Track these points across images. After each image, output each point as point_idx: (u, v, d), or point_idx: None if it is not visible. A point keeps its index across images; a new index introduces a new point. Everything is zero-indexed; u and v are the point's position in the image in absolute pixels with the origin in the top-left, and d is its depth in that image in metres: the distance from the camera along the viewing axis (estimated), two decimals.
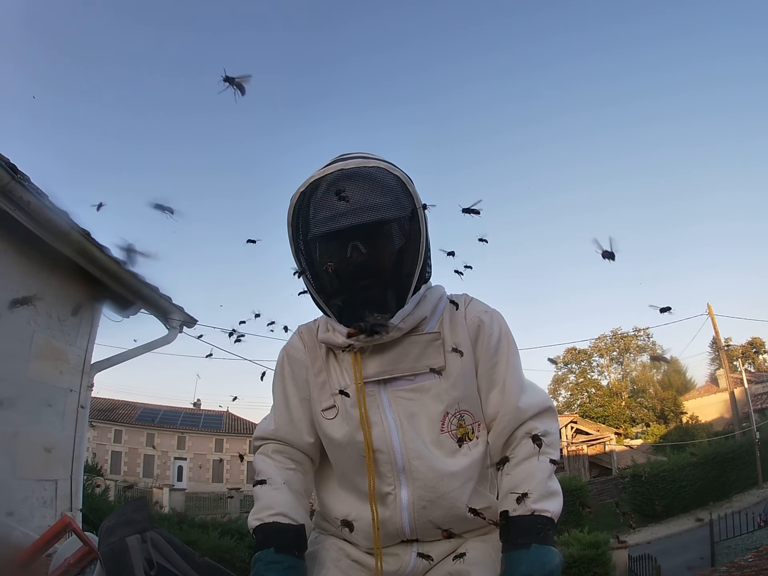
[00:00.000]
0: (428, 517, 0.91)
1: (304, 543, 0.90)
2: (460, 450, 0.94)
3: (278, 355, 1.09)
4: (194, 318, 4.18)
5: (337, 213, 0.90)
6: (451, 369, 0.95)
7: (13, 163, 2.63)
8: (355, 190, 0.90)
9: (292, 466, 0.98)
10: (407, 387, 0.95)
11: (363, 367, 0.95)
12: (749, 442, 14.93)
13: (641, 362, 30.62)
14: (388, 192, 0.91)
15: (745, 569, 4.07)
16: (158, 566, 1.22)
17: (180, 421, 25.55)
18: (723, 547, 8.23)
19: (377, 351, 0.94)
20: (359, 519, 0.94)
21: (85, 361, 3.51)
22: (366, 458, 0.92)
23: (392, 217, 0.92)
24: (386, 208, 0.91)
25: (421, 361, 0.94)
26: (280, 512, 0.88)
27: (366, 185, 0.91)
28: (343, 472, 0.99)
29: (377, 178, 0.91)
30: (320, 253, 0.96)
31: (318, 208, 0.92)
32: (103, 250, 3.21)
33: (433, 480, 0.91)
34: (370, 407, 0.94)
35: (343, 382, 0.97)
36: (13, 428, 2.77)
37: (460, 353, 0.95)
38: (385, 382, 0.95)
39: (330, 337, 0.98)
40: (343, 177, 0.91)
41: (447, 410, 0.94)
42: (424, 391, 0.94)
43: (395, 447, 0.92)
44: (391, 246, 0.94)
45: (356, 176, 0.91)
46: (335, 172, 0.91)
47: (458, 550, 0.92)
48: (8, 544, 1.94)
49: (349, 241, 0.91)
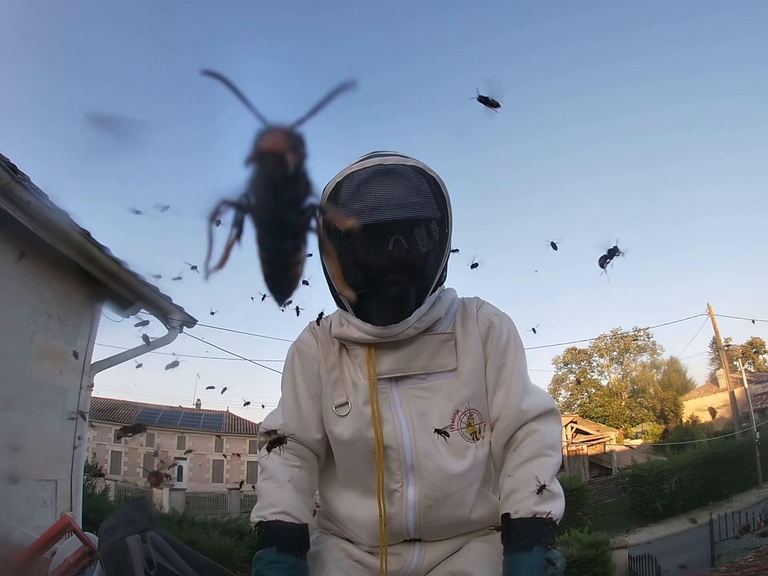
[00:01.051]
0: (433, 516, 0.92)
1: (306, 543, 0.89)
2: (467, 450, 0.94)
3: (288, 351, 1.09)
4: (194, 318, 4.18)
5: (381, 205, 0.88)
6: (463, 369, 0.96)
7: (13, 163, 2.63)
8: (397, 186, 0.89)
9: (297, 464, 0.98)
10: (419, 386, 0.95)
11: (379, 362, 0.95)
12: (749, 442, 14.93)
13: (641, 362, 30.64)
14: (426, 191, 0.91)
15: (745, 569, 4.07)
16: (158, 566, 1.22)
17: (180, 421, 25.56)
18: (723, 547, 8.23)
19: (391, 348, 0.95)
20: (364, 516, 0.94)
21: (85, 361, 3.52)
22: (376, 455, 0.92)
23: (431, 216, 0.92)
24: (426, 206, 0.90)
25: (434, 360, 0.95)
26: (283, 510, 0.88)
27: (405, 182, 0.90)
28: (350, 469, 0.98)
29: (415, 177, 0.91)
30: (356, 244, 0.93)
31: (358, 198, 0.90)
32: (103, 250, 3.21)
33: (440, 480, 0.91)
34: (382, 404, 0.94)
35: (356, 378, 0.97)
36: (13, 428, 2.77)
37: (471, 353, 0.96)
38: (397, 380, 0.96)
39: (345, 332, 0.97)
40: (383, 171, 0.90)
41: (457, 408, 0.94)
42: (436, 390, 0.95)
43: (405, 445, 0.92)
44: (426, 245, 0.94)
45: (395, 173, 0.90)
46: (374, 166, 0.90)
47: (460, 550, 0.92)
48: (8, 544, 1.94)
49: (393, 234, 0.90)
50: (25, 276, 2.99)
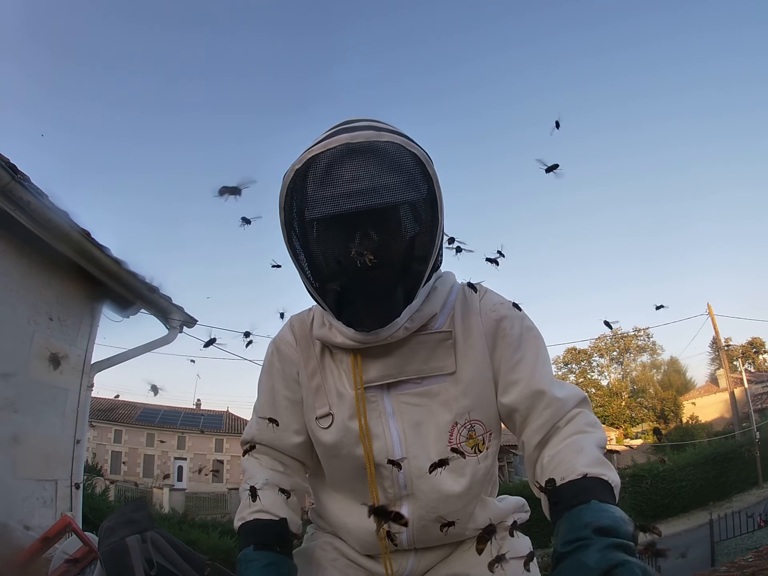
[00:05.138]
0: (428, 533, 0.87)
1: (286, 537, 0.85)
2: (466, 467, 0.85)
3: (267, 347, 0.98)
4: (194, 318, 4.18)
5: (344, 193, 0.76)
6: (463, 373, 0.86)
7: (13, 163, 2.63)
8: (365, 168, 0.76)
9: (279, 468, 0.93)
10: (414, 391, 0.86)
11: (364, 370, 0.86)
12: (749, 442, 14.93)
13: (641, 362, 30.66)
14: (404, 171, 0.78)
15: (745, 569, 4.06)
16: (158, 566, 1.22)
17: (180, 421, 25.55)
18: (723, 547, 8.22)
19: (380, 352, 0.85)
20: (356, 526, 0.89)
21: (85, 361, 3.52)
22: (368, 474, 0.85)
23: (408, 201, 0.80)
24: (402, 189, 0.77)
25: (430, 363, 0.86)
26: (260, 509, 0.85)
27: (378, 163, 0.77)
28: (341, 480, 0.92)
29: (391, 155, 0.77)
30: (320, 240, 0.82)
31: (320, 187, 0.78)
32: (103, 250, 3.21)
33: (435, 501, 0.85)
34: (372, 416, 0.85)
35: (341, 386, 0.88)
36: (13, 428, 2.77)
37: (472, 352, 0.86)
38: (389, 387, 0.86)
39: (327, 335, 0.88)
40: (350, 152, 0.77)
41: (456, 420, 0.85)
42: (433, 396, 0.86)
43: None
44: (404, 233, 0.82)
45: (366, 152, 0.77)
46: (340, 146, 0.77)
47: (456, 551, 0.90)
48: (8, 544, 1.94)
49: (361, 227, 0.79)
50: (25, 276, 2.99)
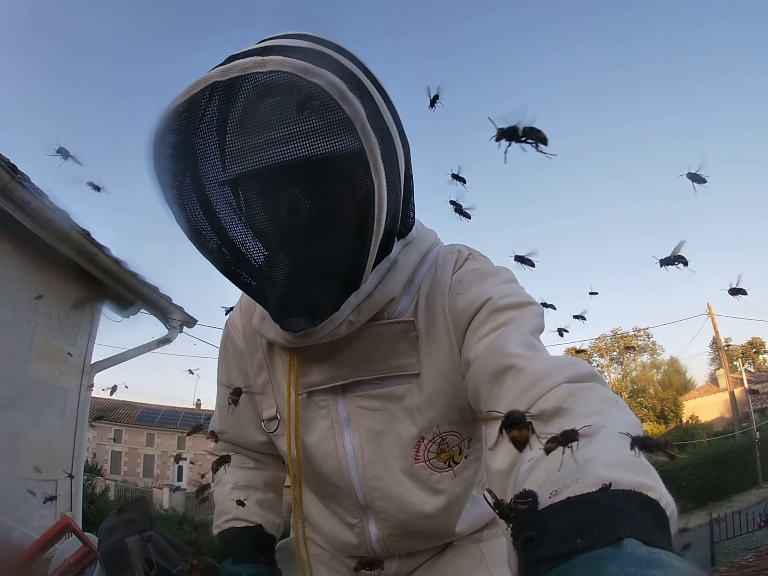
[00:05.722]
0: (404, 545, 0.79)
1: (265, 543, 0.82)
2: (440, 483, 0.73)
3: (223, 330, 0.84)
4: (194, 318, 4.19)
5: (254, 145, 0.55)
6: (427, 377, 0.69)
7: (13, 163, 2.64)
8: (275, 109, 0.54)
9: (249, 465, 0.88)
10: (373, 392, 0.71)
11: (309, 371, 0.71)
12: (749, 442, 14.93)
13: (641, 362, 30.68)
14: (330, 111, 0.52)
15: (745, 569, 4.07)
16: (158, 566, 1.22)
17: (180, 421, 25.56)
18: (723, 547, 8.23)
19: (326, 348, 0.68)
20: (332, 535, 0.83)
21: (85, 361, 3.52)
22: (296, 507, 0.76)
23: (317, 154, 0.54)
24: (302, 139, 0.53)
25: (389, 361, 0.69)
26: (234, 516, 0.81)
27: (284, 103, 0.53)
28: (309, 482, 0.82)
29: (283, 92, 0.53)
30: (231, 208, 0.62)
31: (188, 142, 0.57)
32: (103, 250, 3.21)
33: (404, 522, 0.74)
34: (320, 427, 0.72)
35: (284, 388, 0.74)
36: (13, 428, 2.77)
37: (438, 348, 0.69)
38: (343, 389, 0.72)
39: (262, 328, 0.71)
40: (249, 87, 0.53)
41: (422, 435, 0.71)
42: (395, 399, 0.71)
43: (354, 484, 0.73)
44: (338, 195, 0.58)
45: (274, 88, 0.53)
46: (236, 77, 0.52)
47: (444, 552, 0.85)
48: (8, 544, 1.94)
49: (279, 191, 0.58)
50: (25, 276, 3.00)
